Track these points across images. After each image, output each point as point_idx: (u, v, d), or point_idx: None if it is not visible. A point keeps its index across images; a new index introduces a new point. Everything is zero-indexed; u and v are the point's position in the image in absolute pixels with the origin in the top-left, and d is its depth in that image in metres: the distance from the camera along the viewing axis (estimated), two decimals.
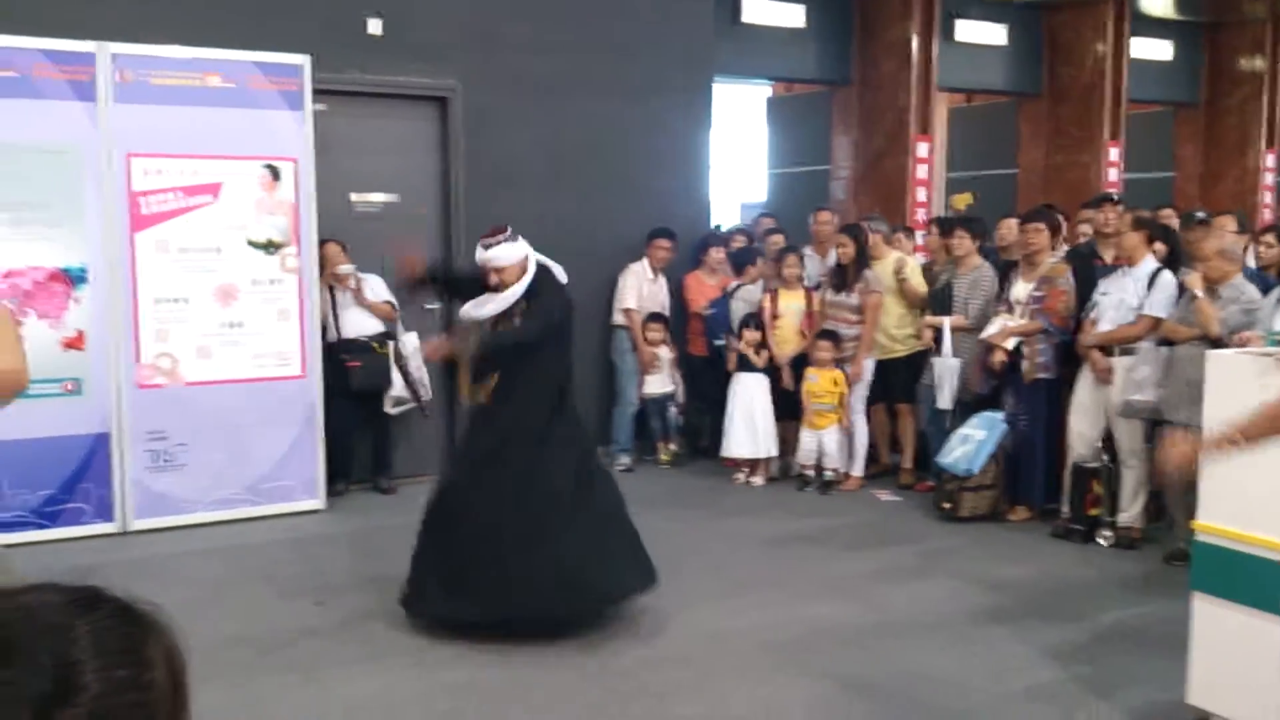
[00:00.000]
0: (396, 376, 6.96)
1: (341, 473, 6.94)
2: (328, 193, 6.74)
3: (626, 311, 7.72)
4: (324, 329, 6.75)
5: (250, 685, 4.20)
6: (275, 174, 6.42)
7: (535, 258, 4.79)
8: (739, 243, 8.40)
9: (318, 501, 6.61)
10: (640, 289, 7.73)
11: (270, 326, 6.46)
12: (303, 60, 6.45)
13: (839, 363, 7.08)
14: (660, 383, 7.73)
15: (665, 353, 7.70)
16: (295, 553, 5.88)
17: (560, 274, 4.86)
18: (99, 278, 6.03)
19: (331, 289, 6.83)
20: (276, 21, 6.74)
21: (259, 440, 6.44)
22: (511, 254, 4.68)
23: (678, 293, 7.96)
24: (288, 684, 4.23)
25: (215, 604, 5.04)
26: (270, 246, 6.44)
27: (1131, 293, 5.83)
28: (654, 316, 7.69)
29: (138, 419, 6.15)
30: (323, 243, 6.71)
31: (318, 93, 6.59)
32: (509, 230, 4.74)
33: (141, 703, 0.95)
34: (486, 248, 4.70)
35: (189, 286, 6.26)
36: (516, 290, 4.70)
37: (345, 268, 6.79)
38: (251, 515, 6.40)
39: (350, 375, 6.78)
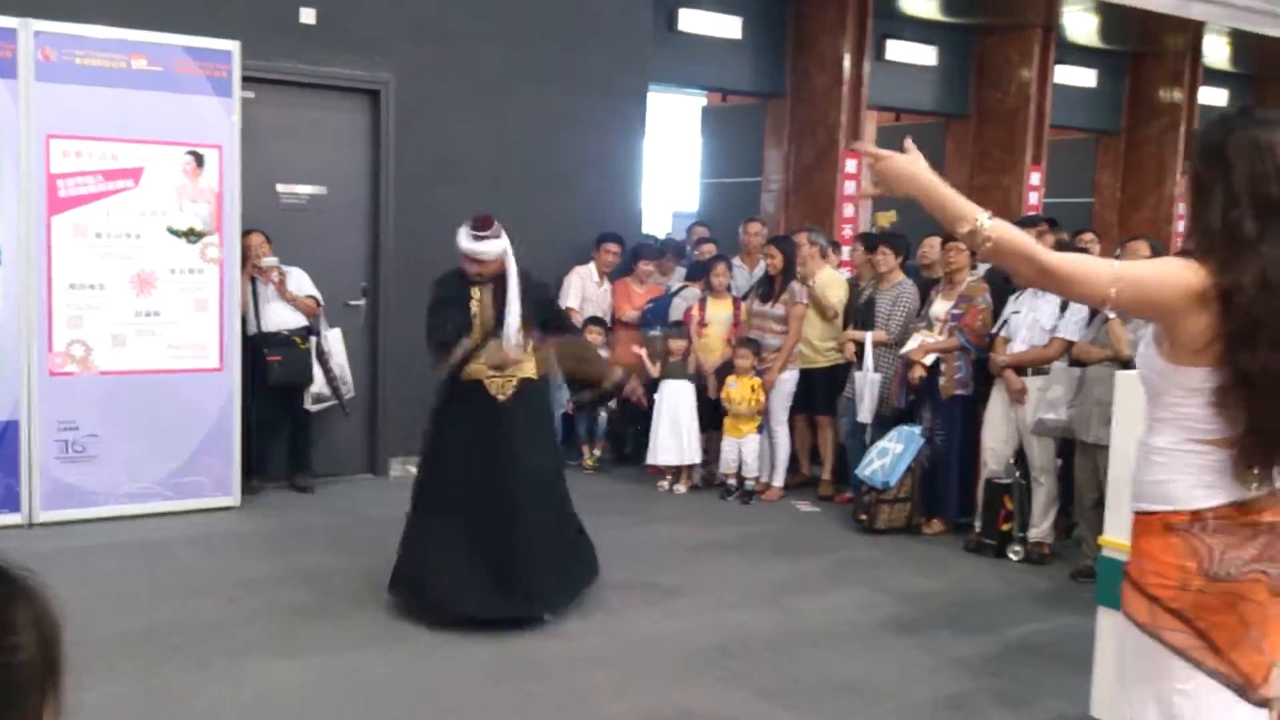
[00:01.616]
0: (318, 372, 6.86)
1: (258, 470, 6.82)
2: (253, 183, 6.64)
3: (567, 310, 7.70)
4: (244, 321, 6.63)
5: (158, 679, 4.12)
6: (199, 161, 6.30)
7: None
8: (669, 261, 8.41)
9: (232, 498, 6.48)
10: (584, 291, 7.74)
11: (188, 317, 6.34)
12: (232, 46, 6.34)
13: (760, 372, 7.15)
14: None
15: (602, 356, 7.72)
16: (207, 549, 5.77)
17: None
18: (12, 261, 5.86)
19: (253, 281, 6.71)
20: (206, 6, 6.62)
21: (173, 434, 6.30)
22: (497, 249, 4.78)
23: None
24: (197, 679, 4.15)
25: (123, 599, 4.92)
26: (191, 235, 6.32)
27: (1045, 314, 5.97)
28: (594, 320, 7.69)
29: (48, 408, 5.99)
30: (246, 233, 6.60)
31: (246, 80, 6.49)
32: (496, 225, 4.80)
33: (5, 665, 0.91)
34: (477, 239, 4.75)
35: (105, 273, 6.11)
36: (515, 286, 4.78)
37: (269, 260, 6.68)
38: (164, 510, 6.26)
39: (270, 370, 6.67)
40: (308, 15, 7.01)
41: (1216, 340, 2.17)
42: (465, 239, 4.77)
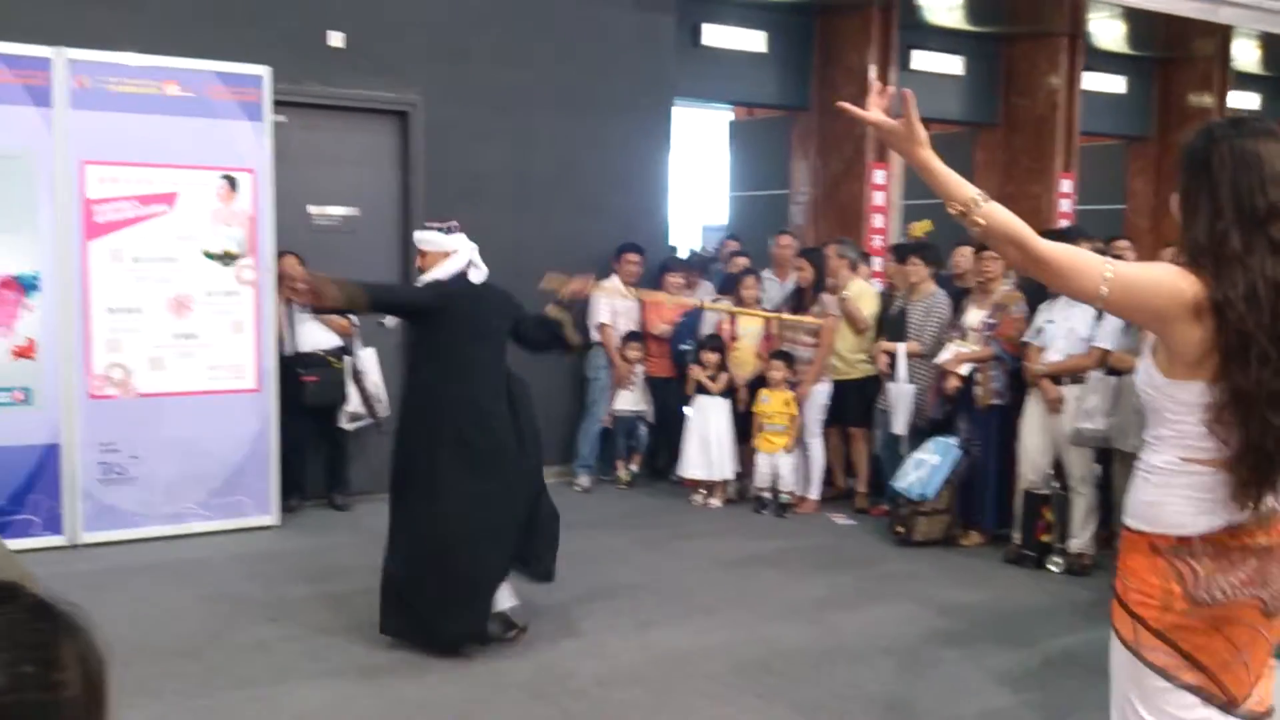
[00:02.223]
0: (353, 391, 6.91)
1: (295, 488, 6.86)
2: (286, 205, 6.70)
3: (601, 327, 7.75)
4: (280, 342, 6.69)
5: (200, 701, 4.14)
6: (233, 185, 6.37)
7: (466, 262, 4.81)
8: (694, 276, 8.42)
9: (271, 517, 6.53)
10: (613, 304, 7.77)
11: (224, 338, 6.39)
12: (263, 71, 6.41)
13: (793, 385, 7.14)
14: (632, 400, 7.77)
15: (640, 371, 7.76)
16: (247, 568, 5.81)
17: (477, 277, 4.88)
18: (51, 286, 5.94)
19: (288, 302, 6.77)
20: (237, 31, 6.70)
21: (212, 454, 6.36)
22: (437, 242, 4.79)
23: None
24: (238, 700, 4.17)
25: (165, 619, 4.97)
26: (226, 258, 6.38)
27: (1081, 323, 5.93)
28: (632, 335, 7.73)
29: (89, 430, 6.05)
30: (280, 255, 6.65)
31: (277, 104, 6.55)
32: (453, 224, 4.84)
33: (49, 703, 0.91)
34: (422, 229, 4.91)
35: (143, 297, 6.18)
36: (431, 275, 4.78)
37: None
38: (203, 530, 6.32)
39: (305, 390, 6.72)
40: (336, 39, 7.08)
41: (1212, 354, 2.13)
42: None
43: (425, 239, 4.83)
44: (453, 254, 4.77)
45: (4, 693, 0.88)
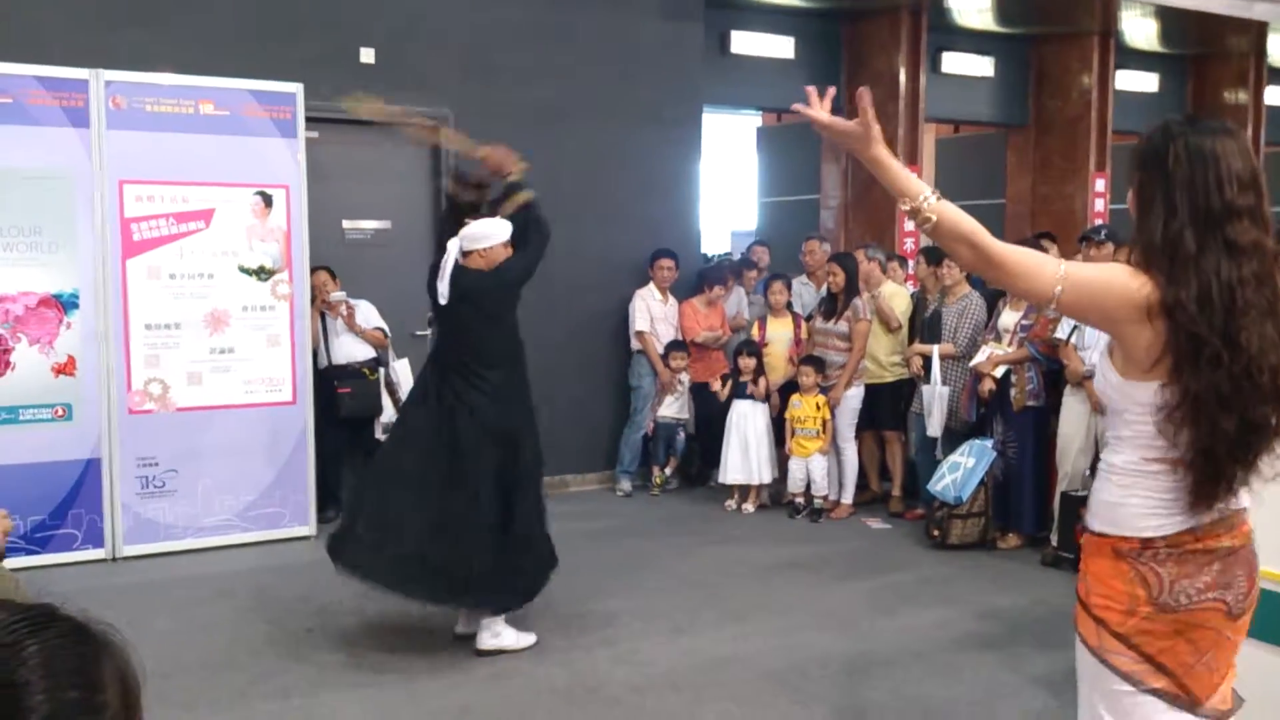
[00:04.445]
0: (387, 403, 6.96)
1: (332, 499, 6.92)
2: (320, 220, 6.78)
3: (639, 334, 7.78)
4: (315, 355, 6.76)
5: (238, 712, 4.19)
6: (267, 201, 6.45)
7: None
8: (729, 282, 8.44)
9: (308, 528, 6.59)
10: (650, 310, 7.80)
11: (261, 353, 6.47)
12: (295, 88, 6.48)
13: (824, 389, 7.13)
14: (676, 407, 7.79)
15: (685, 378, 7.78)
16: (285, 579, 5.86)
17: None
18: (90, 303, 6.03)
19: (323, 315, 6.84)
20: (270, 50, 6.79)
21: (249, 467, 6.43)
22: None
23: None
24: (277, 710, 4.21)
25: (204, 630, 5.02)
26: (262, 273, 6.46)
27: None
28: (675, 344, 7.77)
29: (128, 445, 6.14)
30: (313, 270, 6.72)
31: (310, 120, 6.62)
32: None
33: None
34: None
35: (180, 312, 6.27)
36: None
37: (337, 295, 6.81)
38: (241, 542, 6.38)
39: (341, 402, 6.79)
40: (367, 55, 7.17)
41: (1165, 356, 2.10)
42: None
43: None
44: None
45: (52, 718, 0.89)
